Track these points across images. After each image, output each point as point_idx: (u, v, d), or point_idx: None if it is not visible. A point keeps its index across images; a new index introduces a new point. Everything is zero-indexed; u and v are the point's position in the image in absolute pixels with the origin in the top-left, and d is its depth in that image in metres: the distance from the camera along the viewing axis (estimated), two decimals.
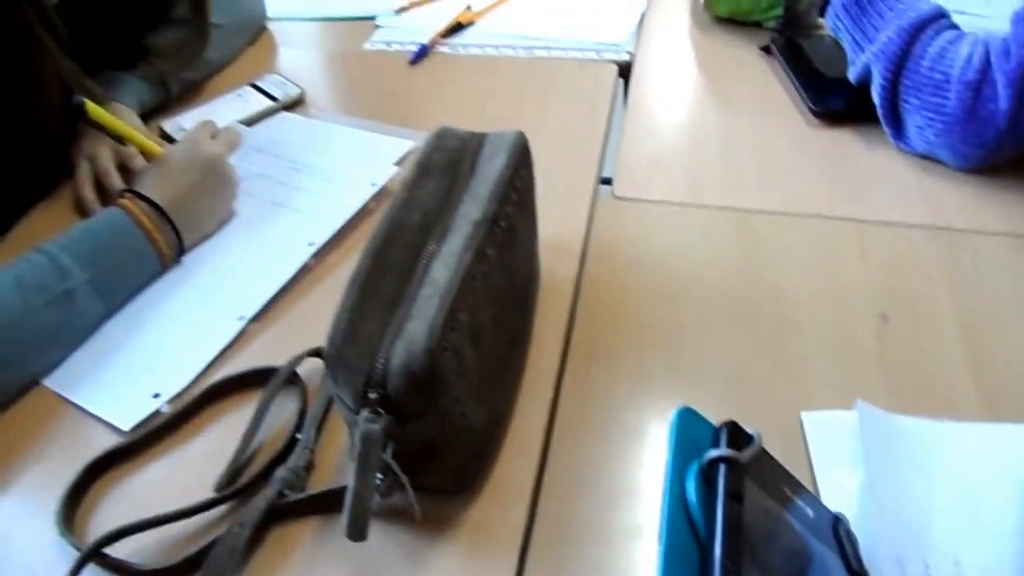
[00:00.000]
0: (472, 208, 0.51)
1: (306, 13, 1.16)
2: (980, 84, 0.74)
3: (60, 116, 0.80)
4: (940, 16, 0.79)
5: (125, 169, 0.82)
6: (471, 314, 0.47)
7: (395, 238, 0.49)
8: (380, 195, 0.78)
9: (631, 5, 1.09)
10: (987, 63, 0.74)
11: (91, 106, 0.74)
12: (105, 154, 0.82)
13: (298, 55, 1.08)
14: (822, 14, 0.88)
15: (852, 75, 0.84)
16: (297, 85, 0.96)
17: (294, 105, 0.95)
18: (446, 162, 0.55)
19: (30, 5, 0.72)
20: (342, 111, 0.94)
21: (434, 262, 0.48)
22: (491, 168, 0.54)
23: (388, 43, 1.06)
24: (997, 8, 0.85)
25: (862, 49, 0.82)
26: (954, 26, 0.80)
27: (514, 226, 0.54)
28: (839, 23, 0.85)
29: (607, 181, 0.82)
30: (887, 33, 0.79)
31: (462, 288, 0.46)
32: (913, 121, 0.79)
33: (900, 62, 0.78)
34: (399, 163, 0.83)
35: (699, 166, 0.82)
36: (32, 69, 0.75)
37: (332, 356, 0.45)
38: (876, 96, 0.81)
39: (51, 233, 0.67)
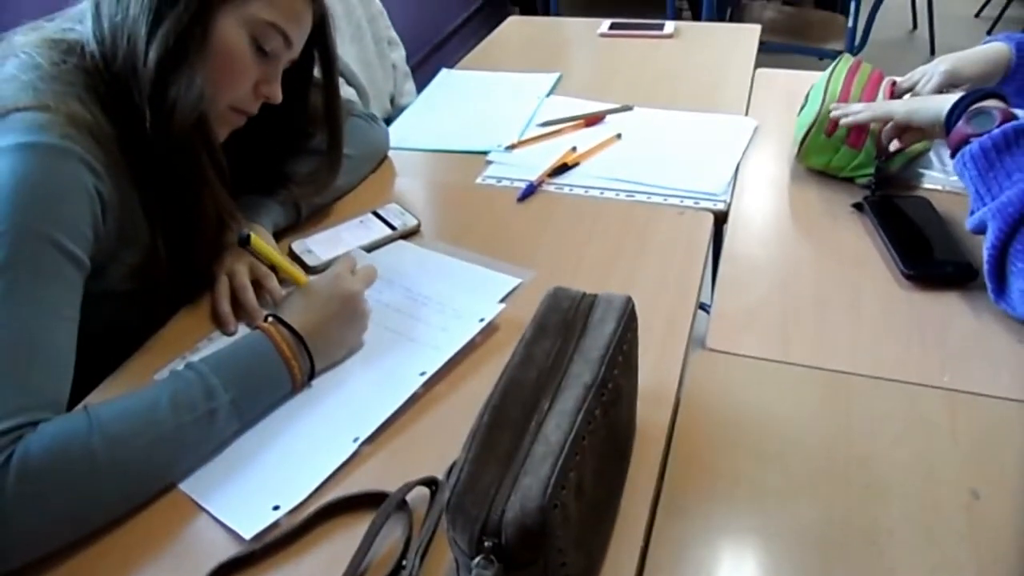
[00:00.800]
0: (584, 369, 0.57)
1: (425, 145, 1.27)
2: None
3: (212, 243, 0.91)
4: None
5: (258, 284, 0.91)
6: (578, 471, 0.52)
7: (513, 395, 0.55)
8: (486, 329, 0.85)
9: (729, 154, 1.16)
10: None
11: (255, 239, 0.84)
12: (243, 271, 0.92)
13: (416, 185, 1.18)
14: (953, 156, 0.90)
15: (970, 224, 0.86)
16: (414, 215, 1.05)
17: (411, 234, 1.04)
18: (560, 323, 0.61)
19: (204, 148, 0.83)
20: (453, 242, 1.02)
21: (547, 420, 0.53)
22: (601, 332, 0.60)
23: (498, 179, 1.15)
24: None
25: (983, 202, 0.85)
26: None
27: (619, 386, 0.59)
28: (966, 171, 0.88)
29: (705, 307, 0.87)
30: (1010, 194, 0.82)
31: (572, 449, 0.51)
32: (1018, 285, 0.81)
33: (1016, 225, 0.80)
34: (504, 300, 0.89)
35: (790, 322, 0.85)
36: (196, 203, 0.86)
37: (453, 504, 0.50)
38: (986, 252, 0.83)
39: (191, 335, 0.75)
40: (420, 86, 1.57)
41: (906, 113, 0.98)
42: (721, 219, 1.04)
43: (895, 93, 1.12)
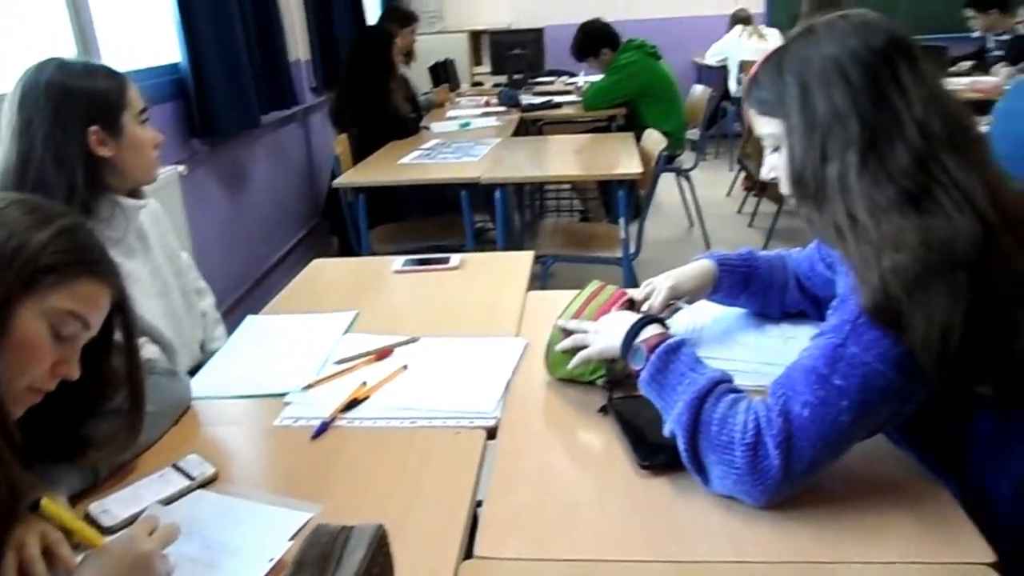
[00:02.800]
0: None
1: (228, 392, 1.36)
2: (756, 445, 0.95)
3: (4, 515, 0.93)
4: (719, 383, 1.03)
5: (51, 552, 0.93)
6: None
7: None
8: (277, 567, 0.91)
9: (500, 374, 1.33)
10: (759, 428, 0.96)
11: (45, 504, 0.88)
12: (32, 541, 0.93)
13: (218, 433, 1.26)
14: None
15: (666, 432, 1.05)
16: (212, 464, 1.12)
17: (209, 482, 1.10)
18: (318, 556, 0.71)
19: None
20: (252, 485, 1.10)
21: None
22: (352, 561, 0.70)
23: (295, 419, 1.26)
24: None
25: (668, 415, 1.05)
26: (733, 389, 1.04)
27: None
28: (650, 394, 1.09)
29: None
30: (680, 405, 1.02)
31: None
32: (714, 472, 0.99)
33: (694, 429, 1.00)
34: (294, 537, 0.97)
35: (549, 522, 0.99)
36: None
37: None
38: (683, 454, 1.01)
39: None
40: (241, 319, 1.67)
41: (599, 352, 1.21)
42: (492, 434, 1.19)
43: (636, 307, 1.35)
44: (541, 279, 3.11)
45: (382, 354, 1.43)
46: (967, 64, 5.00)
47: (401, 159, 3.27)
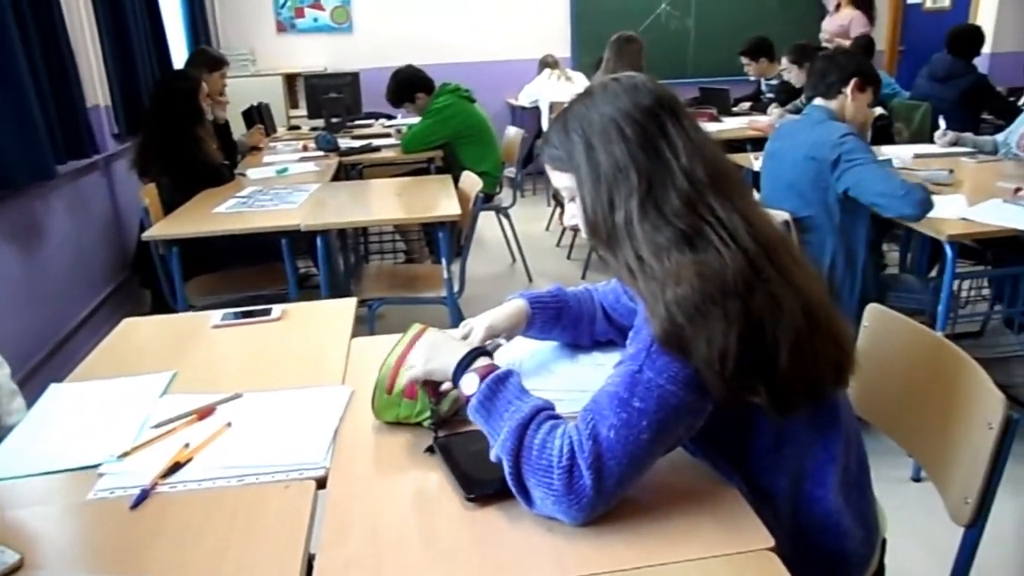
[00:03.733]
0: None
1: (32, 469, 1.27)
2: (571, 468, 1.04)
3: None
4: (541, 410, 1.11)
5: None
6: None
7: None
8: None
9: (327, 424, 1.34)
10: (572, 452, 1.04)
11: None
12: None
13: (22, 516, 1.17)
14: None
15: (492, 457, 1.11)
16: (16, 551, 1.05)
17: (14, 571, 1.03)
18: None
19: None
20: (66, 567, 1.04)
21: None
22: None
23: (111, 490, 1.20)
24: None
25: (495, 441, 1.11)
26: (554, 416, 1.12)
27: None
28: (478, 419, 1.14)
29: None
30: (505, 432, 1.08)
31: None
32: (536, 495, 1.07)
33: (517, 454, 1.07)
34: None
35: (382, 565, 1.01)
36: None
37: None
38: (508, 478, 1.08)
39: None
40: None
41: (425, 372, 1.26)
42: (323, 483, 1.20)
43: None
44: (368, 322, 3.11)
45: (203, 413, 1.40)
46: (747, 105, 5.59)
47: (217, 208, 3.17)
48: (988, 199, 2.74)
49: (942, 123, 3.79)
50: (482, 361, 1.19)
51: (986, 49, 5.91)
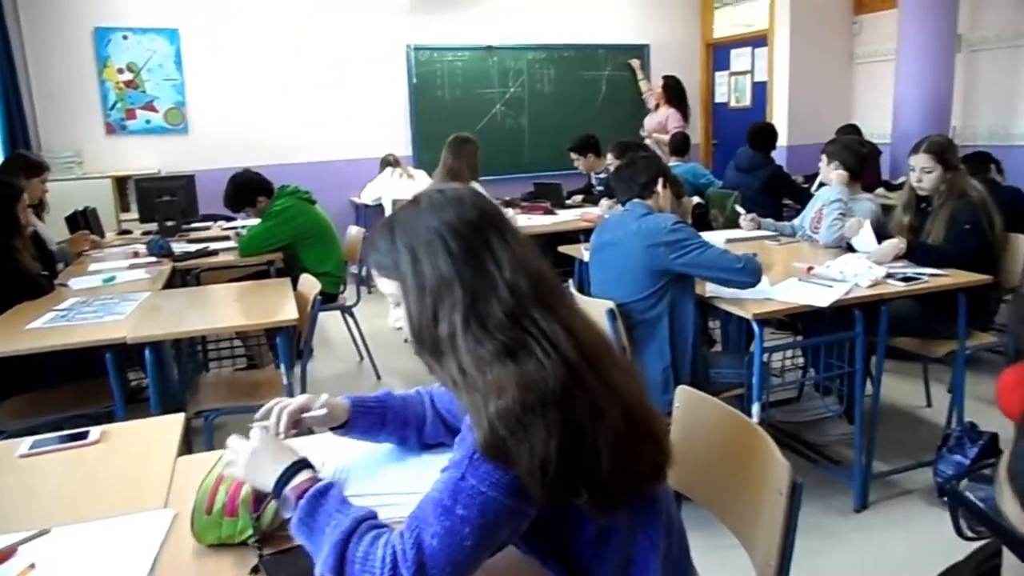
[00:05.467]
0: None
1: None
2: (395, 573, 1.04)
3: None
4: (362, 521, 1.11)
5: None
6: None
7: None
8: None
9: (145, 553, 1.28)
10: (395, 561, 1.05)
11: None
12: None
13: None
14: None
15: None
16: None
17: None
18: None
19: None
20: None
21: None
22: None
23: None
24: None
25: (318, 558, 1.09)
26: (377, 525, 1.12)
27: None
28: (300, 536, 1.13)
29: None
30: (326, 549, 1.08)
31: None
32: None
33: (340, 569, 1.06)
34: None
35: None
36: None
37: None
38: None
39: None
40: None
41: (248, 478, 1.24)
42: None
43: None
44: (205, 434, 2.98)
45: (3, 555, 1.29)
46: (579, 197, 5.93)
47: (31, 323, 2.96)
48: (787, 278, 3.05)
49: (741, 210, 4.21)
50: (302, 476, 1.19)
51: (782, 142, 6.68)
